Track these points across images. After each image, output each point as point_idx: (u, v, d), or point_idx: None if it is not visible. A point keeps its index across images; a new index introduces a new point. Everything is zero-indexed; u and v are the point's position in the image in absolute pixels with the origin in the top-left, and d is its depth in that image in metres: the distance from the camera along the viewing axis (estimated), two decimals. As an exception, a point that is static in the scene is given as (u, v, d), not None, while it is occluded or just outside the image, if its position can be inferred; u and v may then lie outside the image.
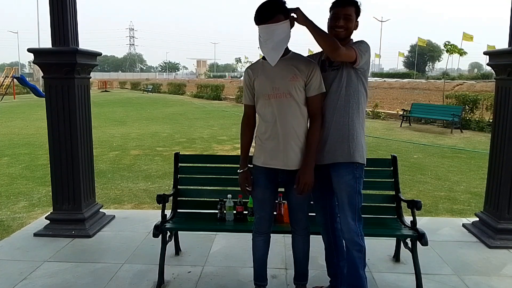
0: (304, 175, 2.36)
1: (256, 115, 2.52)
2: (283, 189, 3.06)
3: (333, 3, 2.41)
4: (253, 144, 2.57)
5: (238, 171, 2.58)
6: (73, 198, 3.84)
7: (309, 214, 2.67)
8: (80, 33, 3.83)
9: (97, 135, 9.54)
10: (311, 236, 2.65)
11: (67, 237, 3.72)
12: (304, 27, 2.26)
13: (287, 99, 2.34)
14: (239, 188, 3.15)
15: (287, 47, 2.35)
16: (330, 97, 2.39)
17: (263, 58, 2.43)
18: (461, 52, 16.96)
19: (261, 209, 2.58)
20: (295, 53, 2.43)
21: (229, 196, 3.11)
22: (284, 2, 2.27)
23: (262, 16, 2.24)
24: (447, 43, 17.06)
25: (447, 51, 17.06)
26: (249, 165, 2.56)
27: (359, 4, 2.40)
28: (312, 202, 2.65)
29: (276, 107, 2.36)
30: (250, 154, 2.60)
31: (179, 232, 3.40)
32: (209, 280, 3.01)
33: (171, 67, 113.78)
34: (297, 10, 2.26)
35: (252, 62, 2.53)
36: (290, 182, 2.46)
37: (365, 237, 2.45)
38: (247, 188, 2.56)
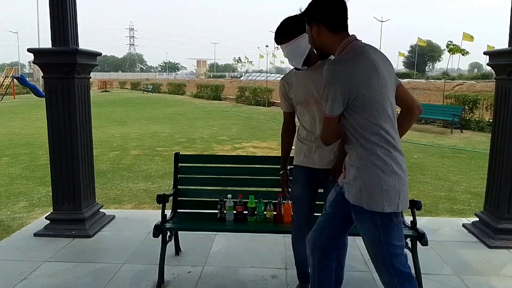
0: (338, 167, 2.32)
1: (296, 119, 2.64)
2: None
3: None
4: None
5: (279, 172, 2.77)
6: (73, 198, 3.84)
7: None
8: (80, 33, 3.83)
9: (97, 135, 9.53)
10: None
11: (67, 237, 3.72)
12: None
13: (320, 106, 2.36)
14: (239, 188, 3.15)
15: (315, 54, 2.35)
16: None
17: (295, 68, 2.51)
18: (464, 52, 16.97)
19: (299, 207, 2.61)
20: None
21: (229, 196, 3.11)
22: (292, 23, 2.34)
23: (275, 40, 2.43)
24: (449, 43, 17.08)
25: (449, 50, 17.08)
26: (289, 167, 2.71)
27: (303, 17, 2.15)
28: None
29: (312, 115, 2.45)
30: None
31: (179, 232, 3.40)
32: (209, 280, 3.00)
33: (171, 67, 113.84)
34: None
35: (287, 73, 2.65)
36: (329, 181, 2.48)
37: None
38: (287, 189, 2.71)
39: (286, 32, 2.38)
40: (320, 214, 2.64)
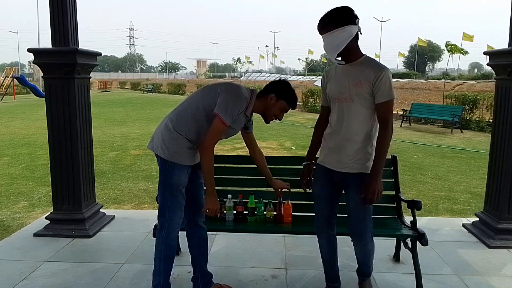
0: (372, 184, 2.33)
1: None
2: (286, 190, 3.05)
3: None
4: None
5: (303, 163, 2.75)
6: (73, 198, 3.84)
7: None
8: (80, 33, 3.83)
9: (97, 135, 9.53)
10: (312, 236, 2.64)
11: (67, 237, 3.72)
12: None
13: (349, 104, 2.36)
14: (239, 188, 3.14)
15: (357, 50, 2.37)
16: None
17: (339, 63, 2.46)
18: (463, 52, 16.99)
19: (317, 205, 2.63)
20: (369, 58, 2.42)
21: (229, 196, 3.11)
22: (334, 14, 2.31)
23: (317, 28, 2.38)
24: (448, 43, 17.12)
25: (448, 50, 17.11)
26: (313, 162, 2.70)
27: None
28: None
29: (339, 112, 2.41)
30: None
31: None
32: (209, 280, 3.00)
33: (171, 67, 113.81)
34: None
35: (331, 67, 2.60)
36: (347, 186, 2.48)
37: None
38: (305, 182, 2.73)
39: (326, 22, 2.33)
40: (343, 216, 2.63)
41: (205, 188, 2.59)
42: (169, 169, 2.50)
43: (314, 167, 2.67)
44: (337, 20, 2.29)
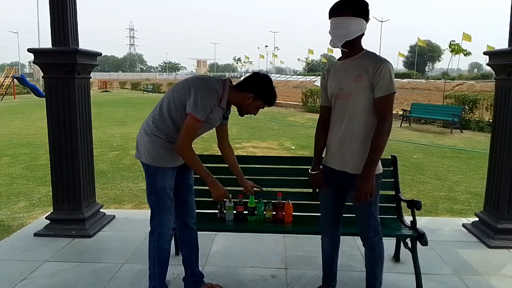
0: (361, 182, 2.24)
1: None
2: (289, 189, 3.04)
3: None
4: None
5: (309, 171, 2.58)
6: (73, 198, 3.84)
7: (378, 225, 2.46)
8: (80, 33, 3.83)
9: (97, 135, 9.53)
10: (312, 236, 2.64)
11: (67, 237, 3.72)
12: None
13: (349, 100, 2.28)
14: (239, 188, 3.15)
15: (359, 46, 2.30)
16: None
17: (338, 59, 2.42)
18: (465, 52, 17.01)
19: (322, 206, 2.62)
20: (369, 51, 2.33)
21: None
22: (355, 2, 2.23)
23: (330, 12, 2.28)
24: (452, 42, 17.13)
25: (451, 50, 17.11)
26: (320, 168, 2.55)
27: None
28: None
29: (340, 109, 2.33)
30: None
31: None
32: (209, 280, 3.00)
33: (171, 67, 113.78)
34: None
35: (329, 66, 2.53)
36: (350, 187, 2.37)
37: None
38: (316, 189, 2.63)
39: (344, 5, 2.22)
40: (349, 216, 2.59)
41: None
42: (153, 173, 2.51)
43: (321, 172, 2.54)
44: (356, 9, 2.21)
